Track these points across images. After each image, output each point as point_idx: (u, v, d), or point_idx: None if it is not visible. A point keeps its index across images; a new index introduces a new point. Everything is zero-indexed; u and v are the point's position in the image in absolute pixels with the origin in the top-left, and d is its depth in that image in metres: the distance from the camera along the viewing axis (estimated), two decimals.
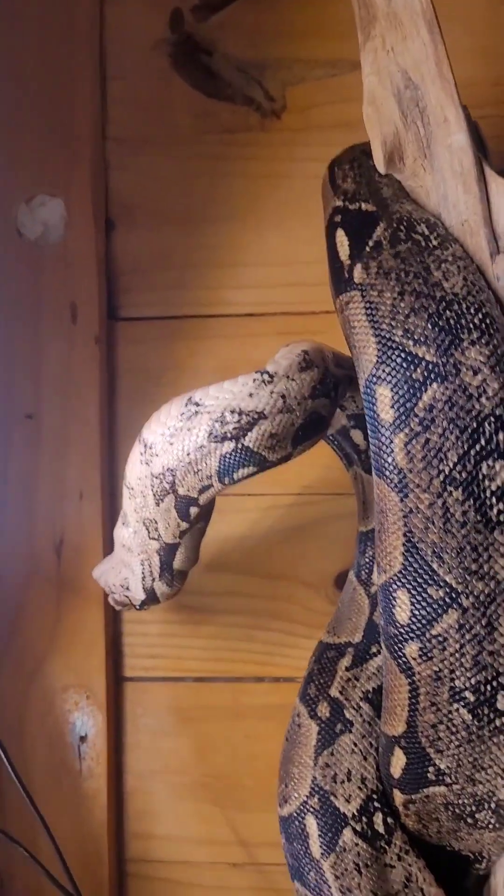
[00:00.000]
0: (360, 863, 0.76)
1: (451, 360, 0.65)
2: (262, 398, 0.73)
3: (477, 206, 0.70)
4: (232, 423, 0.73)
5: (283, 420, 0.74)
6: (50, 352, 1.01)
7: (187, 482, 0.76)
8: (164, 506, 0.78)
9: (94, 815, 0.99)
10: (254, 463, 0.75)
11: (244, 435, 0.74)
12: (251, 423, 0.73)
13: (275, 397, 0.73)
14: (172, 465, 0.76)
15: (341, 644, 0.84)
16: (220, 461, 0.75)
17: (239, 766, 1.01)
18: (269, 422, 0.73)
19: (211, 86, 1.04)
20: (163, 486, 0.77)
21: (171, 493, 0.77)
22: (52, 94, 1.03)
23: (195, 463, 0.75)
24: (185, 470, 0.76)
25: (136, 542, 0.83)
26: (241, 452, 0.74)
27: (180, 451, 0.75)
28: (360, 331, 0.70)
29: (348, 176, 0.79)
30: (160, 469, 0.77)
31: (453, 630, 0.66)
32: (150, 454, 0.77)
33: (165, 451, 0.76)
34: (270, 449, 0.75)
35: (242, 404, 0.73)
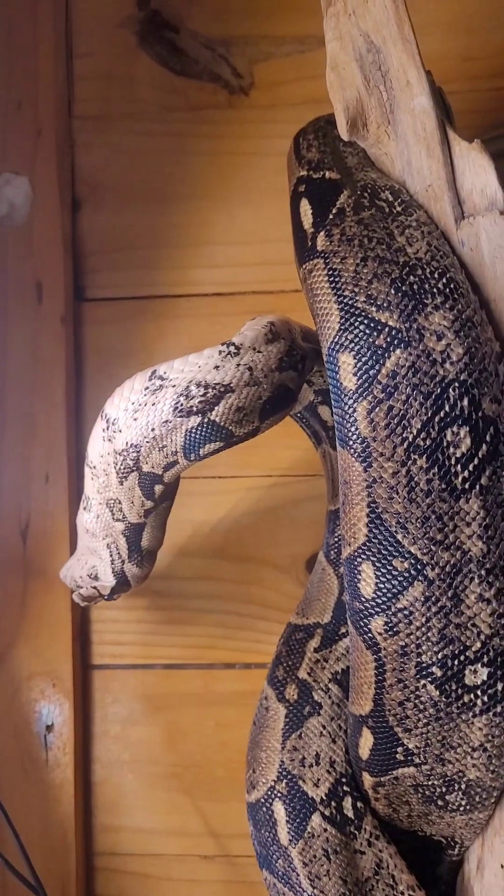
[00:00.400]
0: (329, 849, 0.74)
1: (415, 325, 0.64)
2: (228, 371, 0.71)
3: (441, 171, 0.68)
4: (198, 397, 0.71)
5: (250, 393, 0.72)
6: (15, 332, 0.99)
7: (152, 459, 0.74)
8: (128, 484, 0.76)
9: (61, 806, 0.97)
10: (220, 438, 0.73)
11: (210, 409, 0.71)
12: (217, 397, 0.71)
13: (241, 370, 0.71)
14: (136, 441, 0.74)
15: (310, 625, 0.82)
16: (185, 436, 0.72)
17: (210, 754, 0.99)
18: (235, 395, 0.71)
19: (178, 63, 1.03)
20: (126, 464, 0.75)
21: (135, 471, 0.75)
22: (16, 71, 1.01)
23: (160, 438, 0.73)
24: (149, 446, 0.73)
25: (99, 526, 0.80)
26: (208, 427, 0.72)
27: (144, 427, 0.73)
28: (322, 298, 0.68)
29: (312, 146, 0.78)
30: (123, 445, 0.74)
31: (419, 603, 0.64)
32: (113, 430, 0.75)
33: (129, 426, 0.74)
34: (237, 423, 0.72)
35: (208, 377, 0.71)
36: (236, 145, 1.01)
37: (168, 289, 1.02)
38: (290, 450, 0.99)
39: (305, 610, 0.84)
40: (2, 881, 0.94)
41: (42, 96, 1.01)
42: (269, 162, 1.00)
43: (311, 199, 0.74)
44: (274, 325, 0.74)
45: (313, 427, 0.87)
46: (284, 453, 1.00)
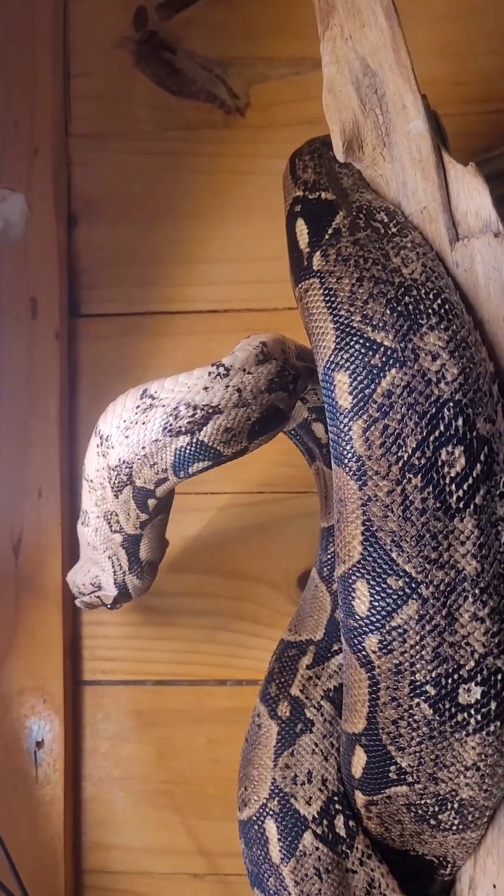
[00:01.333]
0: (321, 868, 0.74)
1: (410, 345, 0.64)
2: (216, 392, 0.72)
3: (436, 193, 0.69)
4: (186, 418, 0.72)
5: (239, 414, 0.72)
6: (9, 347, 0.99)
7: (143, 475, 0.75)
8: (123, 497, 0.77)
9: (51, 823, 0.96)
10: (209, 457, 0.74)
11: (199, 429, 0.72)
12: (206, 418, 0.72)
13: (230, 391, 0.72)
14: (128, 458, 0.75)
15: (302, 642, 0.83)
16: (174, 455, 0.73)
17: (201, 772, 0.99)
18: (224, 416, 0.72)
19: (175, 83, 1.04)
20: (120, 479, 0.76)
21: (129, 485, 0.76)
22: (14, 90, 1.02)
23: (150, 456, 0.74)
24: (140, 463, 0.74)
25: (99, 539, 0.81)
26: (196, 447, 0.73)
27: (136, 445, 0.74)
28: (318, 317, 0.69)
29: (308, 166, 0.79)
30: (116, 461, 0.75)
31: (413, 621, 0.64)
32: (107, 446, 0.76)
33: (121, 443, 0.75)
34: (226, 443, 0.73)
35: (197, 398, 0.72)
36: (232, 164, 1.02)
37: (163, 305, 1.02)
38: (283, 467, 1.00)
39: (298, 627, 0.84)
40: None
41: (39, 115, 1.02)
42: (264, 181, 1.01)
43: (307, 220, 0.74)
44: (266, 345, 0.74)
45: (307, 444, 0.87)
46: (277, 470, 1.00)
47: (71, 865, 0.98)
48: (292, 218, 0.77)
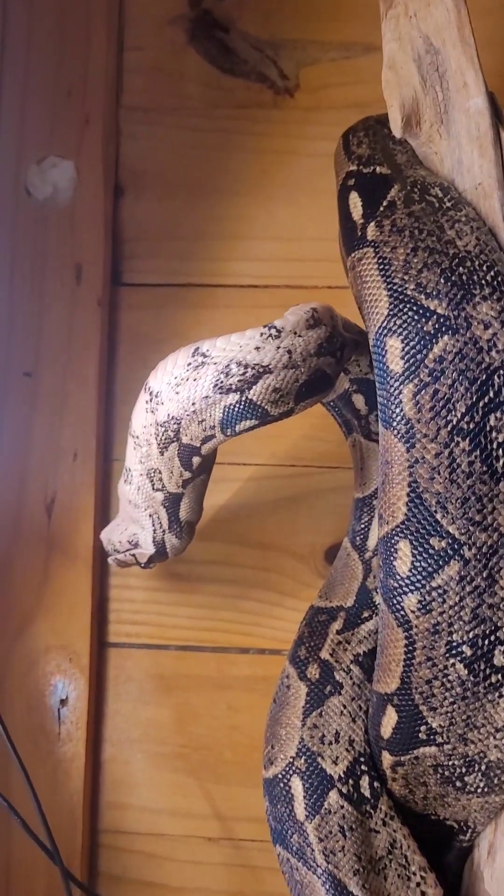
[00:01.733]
0: (345, 826, 0.76)
1: (463, 313, 0.66)
2: (268, 352, 0.74)
3: (492, 170, 0.71)
4: (237, 376, 0.74)
5: (288, 375, 0.74)
6: (52, 311, 1.01)
7: (191, 431, 0.76)
8: (168, 454, 0.78)
9: (71, 780, 0.97)
10: (256, 416, 0.75)
11: (249, 388, 0.74)
12: (256, 377, 0.74)
13: (281, 352, 0.74)
14: (177, 413, 0.76)
15: (333, 608, 0.84)
16: (223, 412, 0.75)
17: (220, 737, 1.00)
18: (273, 376, 0.74)
19: (226, 62, 1.06)
20: (167, 435, 0.77)
21: (175, 442, 0.78)
22: (67, 60, 1.04)
23: (199, 413, 0.75)
24: (189, 419, 0.76)
25: (140, 497, 0.83)
26: (245, 405, 0.74)
27: (185, 401, 0.76)
28: (371, 285, 0.71)
29: (363, 142, 0.80)
30: (165, 417, 0.77)
31: (454, 582, 0.66)
32: (156, 402, 0.77)
33: (171, 399, 0.76)
34: (273, 403, 0.75)
35: (248, 357, 0.74)
36: (279, 144, 1.04)
37: (204, 278, 1.04)
38: (315, 441, 1.02)
39: (329, 593, 0.86)
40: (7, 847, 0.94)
41: (91, 85, 1.04)
42: (310, 162, 1.03)
43: (360, 193, 0.76)
44: (317, 311, 0.76)
45: (345, 416, 0.89)
46: (308, 444, 1.02)
47: (88, 824, 0.99)
48: (345, 191, 0.78)
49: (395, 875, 0.76)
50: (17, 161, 1.02)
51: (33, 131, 1.03)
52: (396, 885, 0.75)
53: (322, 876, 0.75)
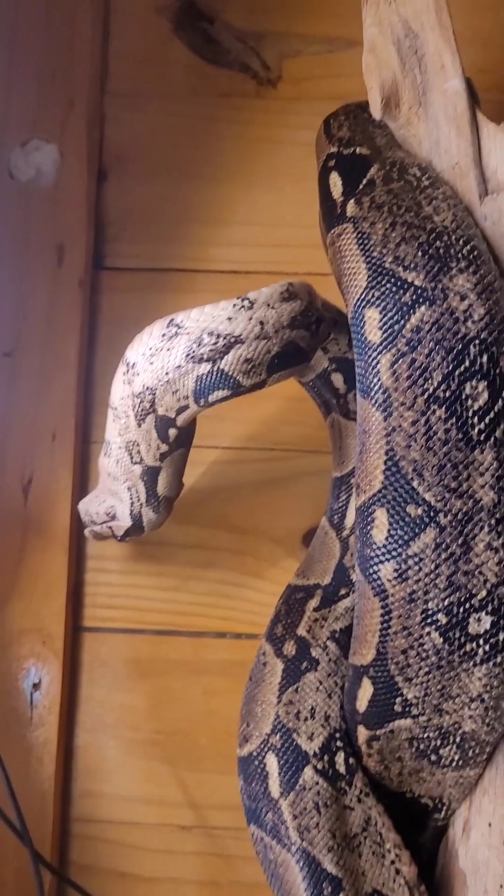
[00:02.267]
0: (320, 802, 0.75)
1: (440, 285, 0.67)
2: (239, 323, 0.75)
3: (468, 149, 0.72)
4: (209, 346, 0.75)
5: (260, 346, 0.75)
6: (33, 292, 1.01)
7: (166, 402, 0.77)
8: (146, 426, 0.79)
9: (43, 766, 0.96)
10: (228, 386, 0.76)
11: (220, 358, 0.75)
12: (227, 347, 0.75)
13: (253, 323, 0.75)
14: (152, 384, 0.77)
15: (310, 586, 0.84)
16: (196, 382, 0.76)
17: (195, 723, 0.99)
18: (245, 347, 0.75)
19: (210, 51, 1.07)
20: (143, 406, 0.78)
21: (152, 413, 0.78)
22: (52, 45, 1.05)
23: (173, 383, 0.76)
24: (163, 389, 0.77)
25: (119, 470, 0.83)
26: (217, 375, 0.75)
27: (160, 371, 0.76)
28: (350, 259, 0.71)
29: (343, 126, 0.82)
30: (140, 388, 0.77)
31: (430, 549, 0.66)
32: (132, 373, 0.78)
33: (146, 370, 0.77)
34: (245, 374, 0.76)
35: (220, 327, 0.75)
36: (262, 132, 1.06)
37: (186, 263, 1.04)
38: (294, 425, 1.02)
39: (306, 571, 0.86)
40: None
41: (77, 70, 1.04)
42: (292, 150, 1.04)
43: (340, 172, 0.77)
44: (293, 285, 0.77)
45: (324, 396, 0.89)
46: (287, 428, 1.02)
47: (59, 811, 0.98)
48: (325, 172, 0.80)
49: (370, 852, 0.75)
50: (1, 144, 1.02)
51: (18, 114, 1.03)
52: (371, 862, 0.75)
53: (296, 853, 0.74)
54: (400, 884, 0.75)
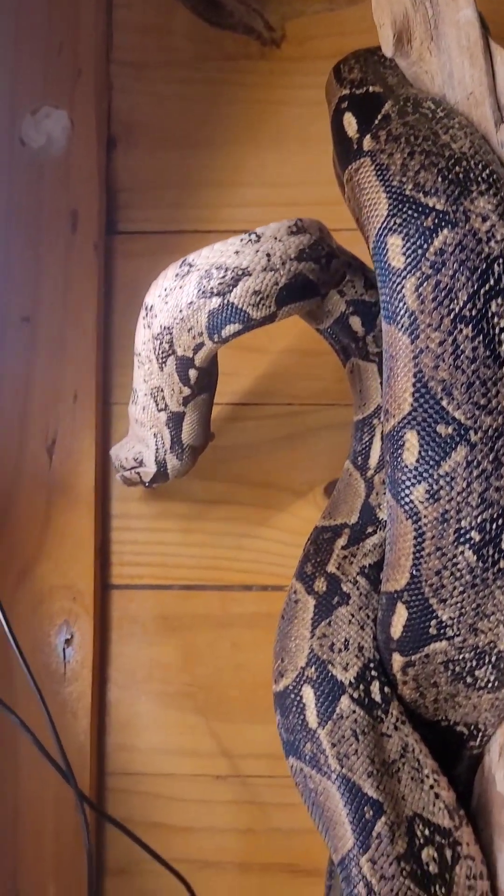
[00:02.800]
0: (358, 729, 0.76)
1: (461, 208, 0.69)
2: (246, 256, 0.77)
3: (482, 78, 0.74)
4: (217, 279, 0.77)
5: (267, 278, 0.77)
6: (49, 257, 1.02)
7: (182, 341, 0.79)
8: (167, 370, 0.81)
9: (78, 720, 0.97)
10: (239, 320, 0.78)
11: (229, 291, 0.77)
12: (235, 280, 0.77)
13: (259, 255, 0.77)
14: (168, 323, 0.79)
15: (337, 525, 0.85)
16: (208, 317, 0.78)
17: (225, 675, 1.00)
18: (252, 278, 0.77)
19: (213, 15, 1.08)
20: (163, 347, 0.80)
21: (172, 355, 0.80)
22: (56, 17, 1.06)
23: (187, 320, 0.78)
24: (179, 328, 0.79)
25: (146, 416, 0.85)
26: (227, 308, 0.78)
27: (174, 309, 0.79)
28: (370, 190, 0.73)
29: (354, 68, 0.83)
30: (158, 329, 0.80)
31: (461, 467, 0.68)
32: (151, 316, 0.80)
33: (162, 310, 0.80)
34: (254, 306, 0.78)
35: (228, 261, 0.77)
36: (267, 94, 1.07)
37: (197, 225, 1.06)
38: (311, 380, 1.03)
39: (332, 513, 0.87)
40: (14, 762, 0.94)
41: (82, 41, 1.06)
42: (298, 111, 1.06)
43: (354, 111, 0.79)
44: (301, 220, 0.80)
45: (343, 341, 0.90)
46: (305, 383, 1.03)
47: (95, 766, 0.99)
48: (338, 114, 0.81)
49: (409, 778, 0.76)
50: (11, 112, 1.04)
51: (26, 84, 1.05)
52: (410, 787, 0.76)
53: (336, 780, 0.75)
54: (440, 807, 0.76)
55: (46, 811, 0.96)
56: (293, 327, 1.02)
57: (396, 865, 0.73)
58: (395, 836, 0.74)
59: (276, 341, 1.04)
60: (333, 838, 0.76)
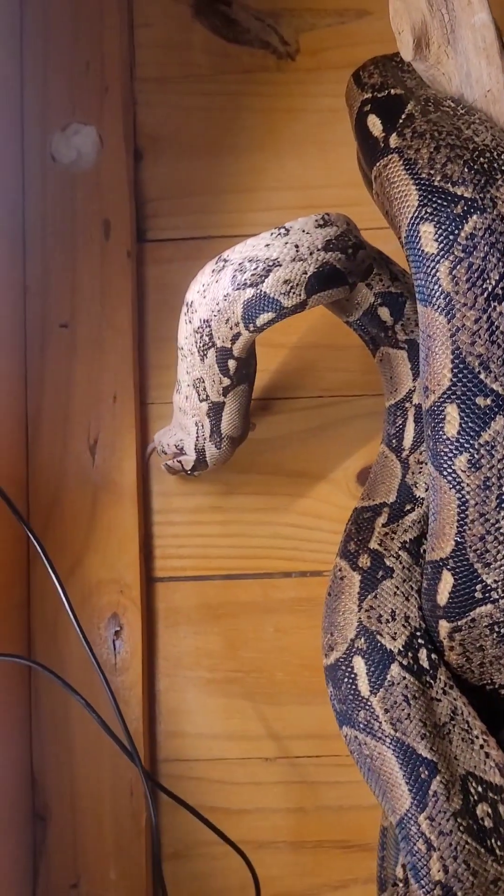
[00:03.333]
0: (409, 695, 0.80)
1: (489, 195, 0.73)
2: (276, 248, 0.83)
3: (499, 76, 0.79)
4: (250, 271, 0.83)
5: (296, 268, 0.83)
6: (84, 266, 1.07)
7: (221, 332, 0.84)
8: (208, 361, 0.86)
9: (130, 708, 1.00)
10: (272, 308, 0.83)
11: (262, 281, 0.83)
12: (267, 270, 0.83)
13: (289, 247, 0.83)
14: (207, 316, 0.84)
15: (377, 505, 0.89)
16: (243, 307, 0.83)
17: (269, 659, 1.04)
18: (283, 269, 0.82)
19: (230, 32, 1.14)
20: (203, 340, 0.85)
21: (212, 347, 0.86)
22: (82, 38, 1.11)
23: (224, 311, 0.84)
24: (217, 320, 0.84)
25: (189, 406, 0.91)
26: (261, 298, 0.83)
27: (212, 302, 0.84)
28: (399, 183, 0.78)
29: (374, 74, 0.88)
30: (198, 323, 0.85)
31: (500, 436, 0.72)
32: (192, 312, 0.86)
33: (201, 304, 0.85)
34: (286, 295, 0.83)
35: (259, 253, 0.83)
36: (285, 103, 1.12)
37: (223, 230, 1.11)
38: (339, 372, 1.08)
39: (371, 494, 0.91)
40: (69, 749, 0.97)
41: (107, 59, 1.11)
42: (315, 117, 1.11)
43: (378, 113, 0.84)
44: (328, 214, 0.85)
45: (371, 332, 0.95)
46: (334, 375, 1.08)
47: (149, 754, 1.02)
48: (362, 117, 0.86)
49: (460, 739, 0.80)
50: (42, 130, 1.09)
51: (56, 102, 1.10)
52: (461, 747, 0.80)
53: (391, 744, 0.79)
54: (491, 766, 0.79)
55: (104, 797, 0.99)
56: (319, 323, 1.07)
57: (453, 821, 0.76)
58: (451, 793, 0.77)
59: (304, 337, 1.09)
60: (391, 800, 0.79)
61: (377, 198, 0.83)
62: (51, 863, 1.00)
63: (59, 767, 1.01)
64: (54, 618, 1.02)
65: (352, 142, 0.90)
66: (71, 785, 1.00)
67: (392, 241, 0.88)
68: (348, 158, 0.99)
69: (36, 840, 1.01)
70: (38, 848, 1.00)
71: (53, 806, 1.01)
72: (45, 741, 1.02)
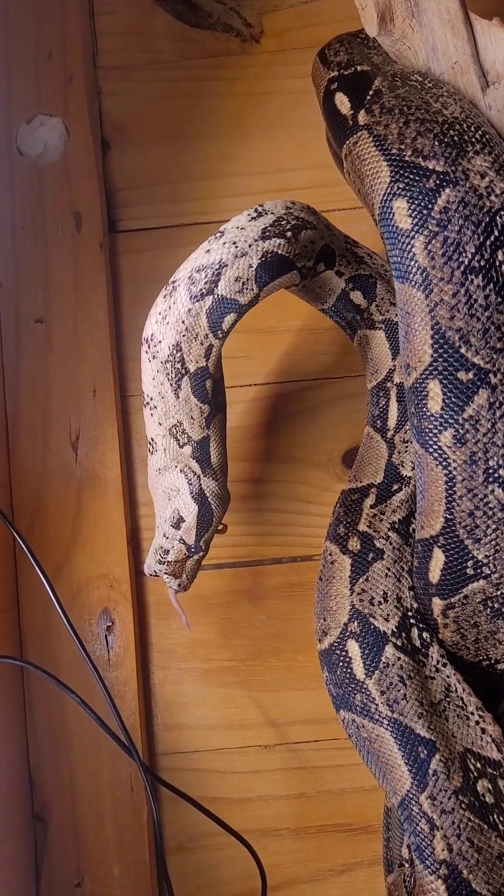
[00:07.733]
0: (404, 675, 0.80)
1: (460, 168, 0.73)
2: (217, 251, 0.82)
3: (465, 47, 0.78)
4: (202, 280, 0.82)
5: (241, 263, 0.82)
6: (56, 259, 1.05)
7: (193, 352, 0.83)
8: (183, 394, 0.84)
9: (126, 703, 1.00)
10: (232, 308, 0.82)
11: (216, 286, 0.82)
12: (217, 274, 0.82)
13: (227, 246, 0.82)
14: (175, 340, 0.83)
15: (364, 486, 0.89)
16: (207, 316, 0.82)
17: (263, 646, 1.03)
18: (230, 268, 0.82)
19: (193, 16, 1.12)
20: (175, 369, 0.83)
21: (185, 375, 0.83)
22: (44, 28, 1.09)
23: (192, 328, 0.82)
24: (187, 339, 0.82)
25: (169, 458, 0.87)
26: (220, 302, 0.82)
27: (177, 324, 0.83)
28: (370, 160, 0.77)
29: (339, 52, 0.87)
30: (167, 351, 0.83)
31: (484, 409, 0.72)
32: (154, 345, 0.84)
33: (164, 332, 0.83)
34: (240, 292, 0.82)
35: (204, 261, 0.83)
36: (251, 86, 1.11)
37: (195, 217, 1.09)
38: (320, 355, 1.07)
39: (358, 475, 0.90)
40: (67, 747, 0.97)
41: (70, 49, 1.09)
42: (281, 99, 1.10)
43: (345, 91, 0.83)
44: (262, 205, 0.85)
45: (347, 317, 0.94)
46: (315, 358, 1.07)
47: (147, 747, 1.01)
48: (329, 96, 0.85)
49: (455, 716, 0.80)
50: (7, 123, 1.07)
51: (20, 94, 1.08)
52: (458, 724, 0.80)
53: (389, 725, 0.79)
54: (487, 741, 0.79)
55: (104, 794, 0.99)
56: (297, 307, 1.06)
57: (455, 799, 0.76)
58: (451, 771, 0.77)
59: (283, 322, 1.08)
60: (391, 782, 0.79)
61: (349, 176, 0.82)
62: (53, 863, 0.99)
63: (58, 767, 1.00)
64: (45, 616, 1.01)
65: (321, 123, 0.90)
66: (70, 784, 0.99)
67: (366, 220, 0.87)
68: (318, 140, 0.98)
69: (37, 840, 1.00)
70: (40, 848, 1.00)
71: (53, 806, 1.00)
72: (41, 742, 1.01)
